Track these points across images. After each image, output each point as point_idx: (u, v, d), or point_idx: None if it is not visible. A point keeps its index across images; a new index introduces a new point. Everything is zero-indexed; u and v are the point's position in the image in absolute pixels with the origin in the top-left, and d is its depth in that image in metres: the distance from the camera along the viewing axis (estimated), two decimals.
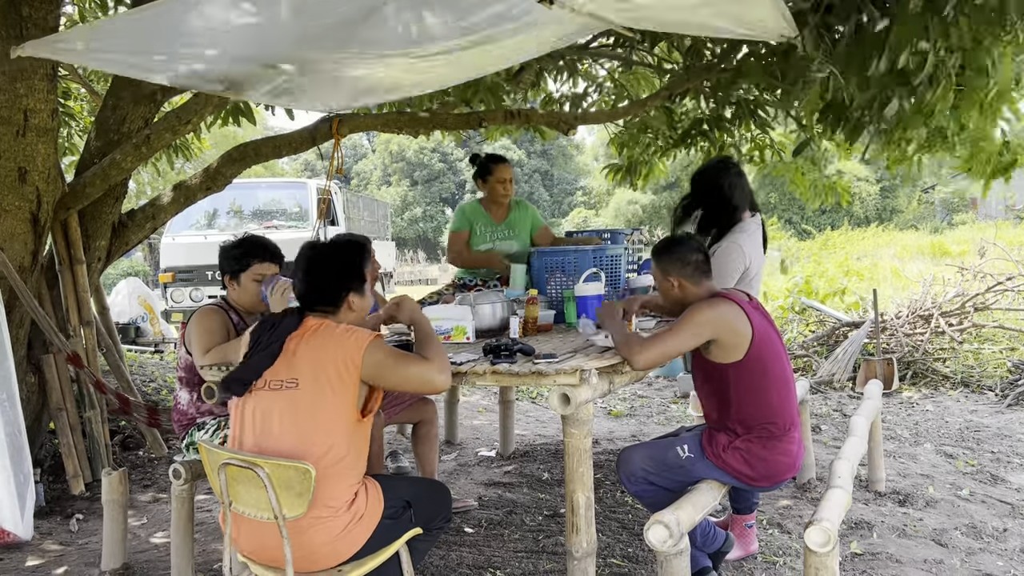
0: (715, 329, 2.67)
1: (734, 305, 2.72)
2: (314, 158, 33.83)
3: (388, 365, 2.27)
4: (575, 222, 35.02)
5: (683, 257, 2.80)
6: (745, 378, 2.72)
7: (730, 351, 2.71)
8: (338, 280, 2.42)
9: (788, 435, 2.76)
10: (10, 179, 3.95)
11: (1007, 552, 3.35)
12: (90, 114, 7.12)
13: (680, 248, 2.83)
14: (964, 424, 5.55)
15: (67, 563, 3.45)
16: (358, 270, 2.46)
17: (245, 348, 2.38)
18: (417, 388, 2.39)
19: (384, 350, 2.29)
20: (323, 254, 2.45)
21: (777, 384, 2.75)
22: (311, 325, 2.35)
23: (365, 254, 2.51)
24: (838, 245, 18.82)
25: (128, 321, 10.15)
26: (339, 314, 2.42)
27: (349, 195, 16.00)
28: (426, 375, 2.30)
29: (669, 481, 2.82)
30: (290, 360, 2.29)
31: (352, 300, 2.43)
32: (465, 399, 6.67)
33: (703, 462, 2.79)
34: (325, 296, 2.41)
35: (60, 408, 4.44)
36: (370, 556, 2.29)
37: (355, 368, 2.24)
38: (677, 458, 2.81)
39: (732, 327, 2.68)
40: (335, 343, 2.27)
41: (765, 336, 2.73)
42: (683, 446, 2.83)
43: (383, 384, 2.34)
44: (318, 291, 2.42)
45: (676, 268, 2.80)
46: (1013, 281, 7.83)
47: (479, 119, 4.78)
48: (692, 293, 2.80)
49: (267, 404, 2.26)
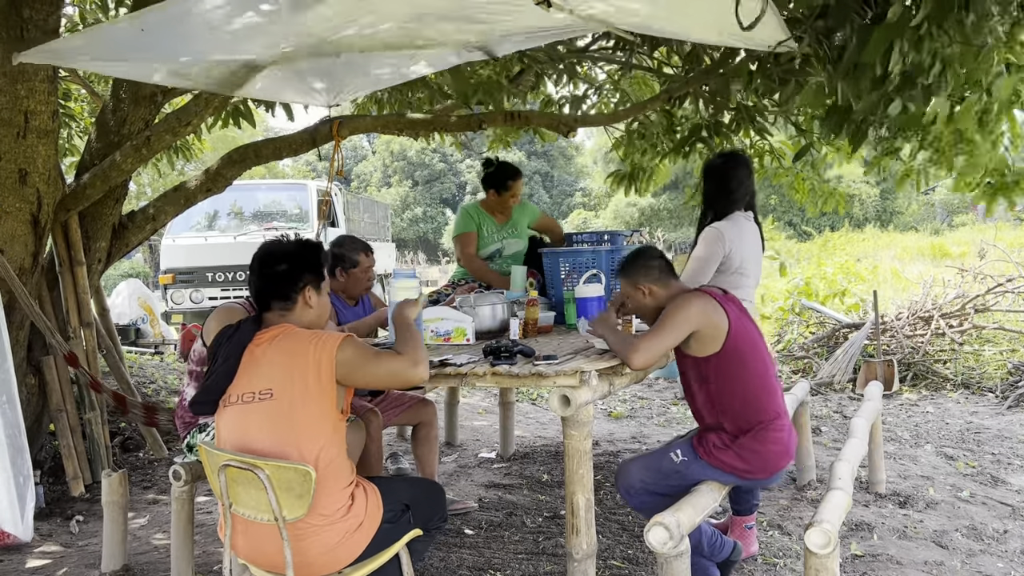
0: (697, 320, 2.73)
1: (708, 297, 2.79)
2: (316, 159, 33.87)
3: (359, 364, 2.25)
4: (575, 223, 35.03)
5: (646, 264, 2.90)
6: (724, 369, 2.77)
7: (708, 343, 2.76)
8: (292, 273, 2.37)
9: (776, 423, 2.78)
10: (11, 181, 3.95)
11: (1007, 554, 3.35)
12: (91, 115, 7.13)
13: (641, 258, 2.93)
14: (964, 426, 5.55)
15: (67, 565, 3.45)
16: (314, 266, 2.42)
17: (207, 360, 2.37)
18: (392, 383, 2.41)
19: (355, 349, 2.26)
20: (278, 250, 2.42)
21: (757, 373, 2.79)
22: (272, 330, 2.31)
23: (322, 253, 2.47)
24: (838, 247, 18.81)
25: (128, 323, 10.15)
26: (296, 311, 2.38)
27: (349, 197, 16.00)
28: (397, 369, 2.28)
29: (668, 488, 2.83)
30: (257, 370, 2.25)
31: (309, 296, 2.39)
32: (465, 401, 6.67)
33: (698, 463, 2.80)
34: (280, 289, 2.37)
35: (60, 410, 4.44)
36: (370, 560, 2.29)
37: (330, 370, 2.22)
38: (672, 463, 2.84)
39: (710, 319, 2.74)
40: (306, 348, 2.24)
41: (741, 327, 2.79)
42: (676, 451, 2.86)
43: (355, 383, 2.33)
44: (272, 284, 2.37)
45: (642, 276, 2.88)
46: (1013, 283, 7.83)
47: (479, 121, 4.78)
48: (663, 296, 2.87)
49: (242, 418, 2.24)
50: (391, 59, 3.63)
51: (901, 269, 12.79)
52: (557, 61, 5.18)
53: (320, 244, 2.51)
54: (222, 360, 2.29)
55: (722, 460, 2.77)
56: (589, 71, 6.35)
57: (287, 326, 2.32)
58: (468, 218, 4.38)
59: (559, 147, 42.09)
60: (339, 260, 3.66)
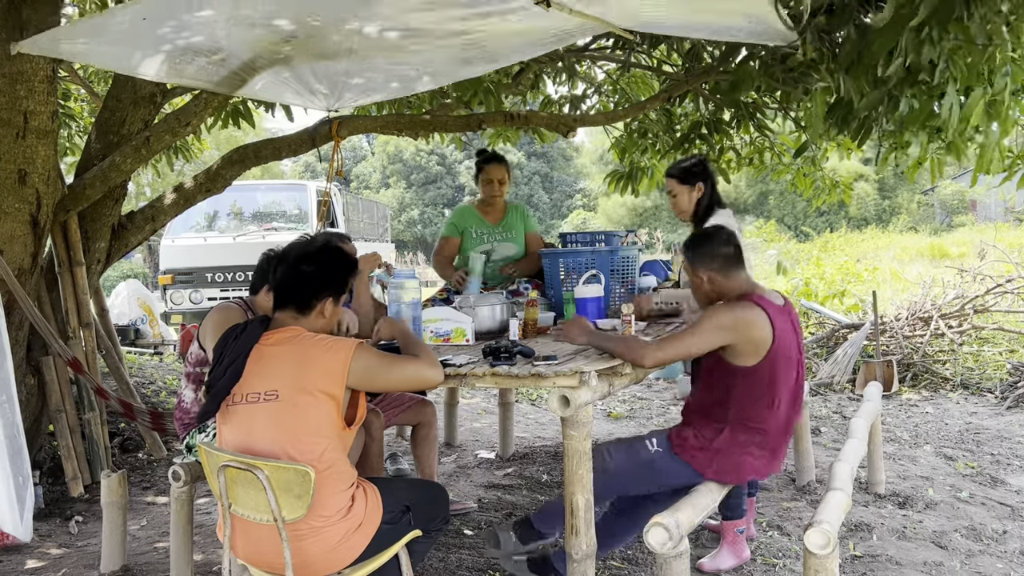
0: (734, 335, 2.61)
1: (757, 310, 2.63)
2: (314, 159, 33.85)
3: (377, 368, 2.27)
4: (574, 224, 35.05)
5: (711, 251, 2.74)
6: (750, 384, 2.68)
7: (742, 357, 2.66)
8: (319, 282, 2.36)
9: (763, 445, 2.72)
10: (10, 181, 3.95)
11: (1007, 554, 3.35)
12: (90, 115, 7.13)
13: (708, 242, 2.76)
14: (964, 426, 5.55)
15: (66, 565, 3.44)
16: (342, 281, 2.42)
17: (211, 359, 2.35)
18: (411, 385, 2.44)
19: (371, 355, 2.29)
20: (314, 254, 2.39)
21: (782, 396, 2.70)
22: (283, 332, 2.30)
23: (354, 269, 2.48)
24: (837, 247, 18.82)
25: (127, 323, 10.14)
26: (310, 317, 2.36)
27: (349, 197, 16.00)
28: (419, 371, 2.33)
29: (637, 483, 2.80)
30: (264, 370, 2.24)
31: (326, 307, 2.37)
32: (465, 401, 6.67)
33: (670, 457, 2.74)
34: (302, 294, 2.34)
35: (59, 410, 4.44)
36: (369, 560, 2.29)
37: (341, 379, 2.22)
38: (647, 452, 2.78)
39: (750, 336, 2.61)
40: (318, 356, 2.23)
41: (783, 346, 2.66)
42: (652, 439, 2.80)
43: (374, 388, 2.34)
44: (296, 286, 2.35)
45: (704, 263, 2.73)
46: (1013, 283, 7.83)
47: (479, 121, 4.78)
48: (724, 287, 2.72)
49: (247, 418, 2.23)
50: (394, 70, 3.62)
51: (900, 270, 12.80)
52: (557, 60, 5.18)
53: (352, 257, 2.50)
54: (228, 361, 2.27)
55: (693, 457, 2.71)
56: (588, 71, 6.35)
57: (298, 329, 2.31)
58: (451, 224, 4.38)
59: (559, 148, 42.11)
60: None
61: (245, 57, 3.28)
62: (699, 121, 5.28)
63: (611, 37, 5.09)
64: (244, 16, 2.78)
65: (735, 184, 30.60)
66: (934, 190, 30.42)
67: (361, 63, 3.43)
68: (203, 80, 3.55)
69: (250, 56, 3.27)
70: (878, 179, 30.42)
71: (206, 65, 3.31)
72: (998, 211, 27.17)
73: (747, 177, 28.48)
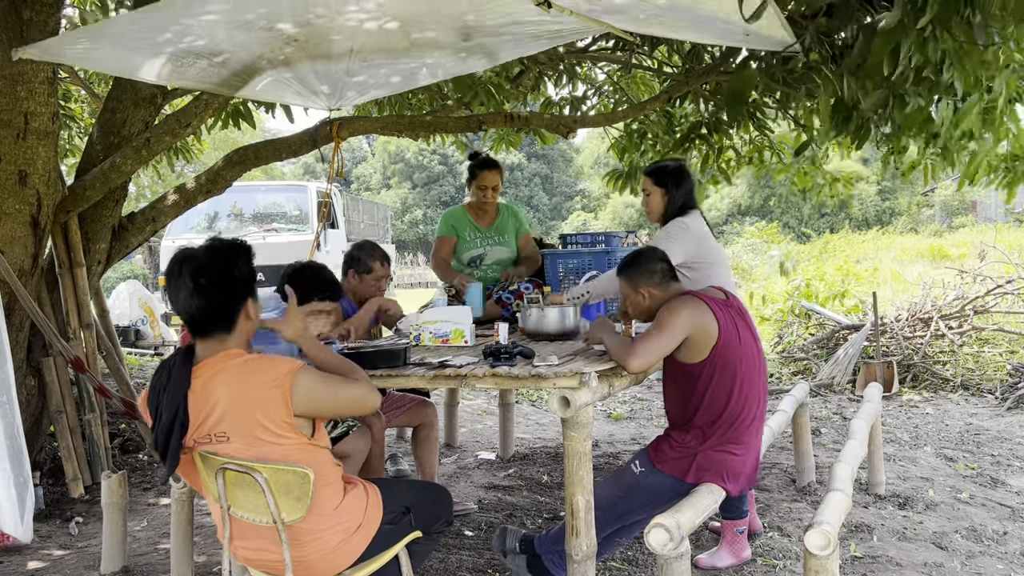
0: (691, 325, 2.73)
1: (700, 303, 2.78)
2: (314, 160, 33.85)
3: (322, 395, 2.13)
4: (575, 225, 35.04)
5: (647, 267, 2.89)
6: (706, 378, 2.77)
7: (695, 351, 2.77)
8: (235, 293, 2.13)
9: (740, 443, 2.79)
10: (10, 182, 3.95)
11: (1007, 555, 3.35)
12: (91, 116, 7.13)
13: (643, 260, 2.91)
14: (964, 427, 5.55)
15: (67, 566, 3.44)
16: (251, 274, 2.17)
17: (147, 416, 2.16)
18: (356, 411, 2.39)
19: (312, 380, 2.11)
20: (209, 264, 2.11)
21: (740, 387, 2.78)
22: (209, 365, 2.09)
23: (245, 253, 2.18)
24: (838, 248, 18.81)
25: (128, 324, 10.15)
26: (235, 332, 2.14)
27: (349, 198, 16.01)
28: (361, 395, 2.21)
29: (635, 506, 2.84)
30: (205, 410, 2.08)
31: (249, 308, 2.16)
32: (465, 402, 6.67)
33: (653, 473, 2.81)
34: (223, 315, 2.11)
35: (60, 411, 4.44)
36: (369, 561, 2.29)
37: (285, 408, 2.06)
38: (633, 475, 2.86)
39: (702, 324, 2.74)
40: (254, 391, 2.06)
41: (731, 338, 2.78)
42: (635, 462, 2.88)
43: (323, 415, 2.22)
44: (213, 311, 2.10)
45: (644, 279, 2.87)
46: (1013, 284, 7.83)
47: (479, 122, 4.79)
48: (663, 301, 2.85)
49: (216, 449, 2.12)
50: (395, 65, 3.62)
51: (901, 271, 12.79)
52: (557, 61, 5.19)
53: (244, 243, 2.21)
54: (168, 418, 2.06)
55: (674, 466, 2.79)
56: (589, 72, 6.36)
57: (223, 356, 2.10)
58: (446, 223, 4.38)
59: (559, 149, 42.10)
60: (354, 262, 3.68)
61: (247, 59, 3.29)
62: (699, 121, 5.28)
63: (611, 38, 5.09)
64: (246, 20, 2.79)
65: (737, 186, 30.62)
66: (934, 191, 30.42)
67: (363, 61, 3.43)
68: (205, 82, 3.55)
69: (252, 58, 3.27)
70: (878, 181, 30.40)
71: (208, 67, 3.32)
72: (998, 212, 27.16)
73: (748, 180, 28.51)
